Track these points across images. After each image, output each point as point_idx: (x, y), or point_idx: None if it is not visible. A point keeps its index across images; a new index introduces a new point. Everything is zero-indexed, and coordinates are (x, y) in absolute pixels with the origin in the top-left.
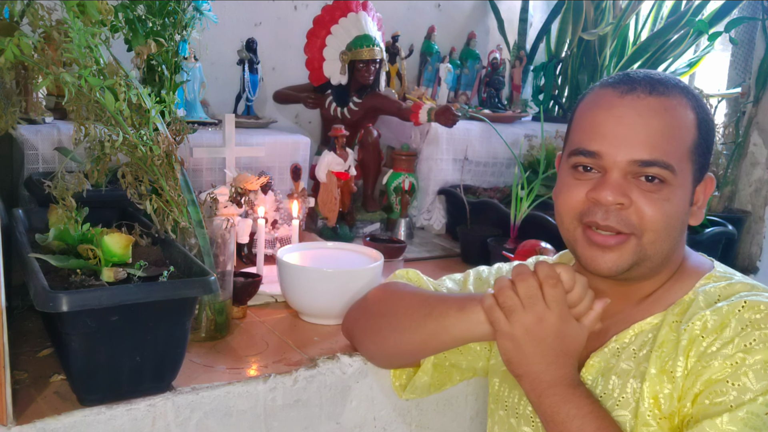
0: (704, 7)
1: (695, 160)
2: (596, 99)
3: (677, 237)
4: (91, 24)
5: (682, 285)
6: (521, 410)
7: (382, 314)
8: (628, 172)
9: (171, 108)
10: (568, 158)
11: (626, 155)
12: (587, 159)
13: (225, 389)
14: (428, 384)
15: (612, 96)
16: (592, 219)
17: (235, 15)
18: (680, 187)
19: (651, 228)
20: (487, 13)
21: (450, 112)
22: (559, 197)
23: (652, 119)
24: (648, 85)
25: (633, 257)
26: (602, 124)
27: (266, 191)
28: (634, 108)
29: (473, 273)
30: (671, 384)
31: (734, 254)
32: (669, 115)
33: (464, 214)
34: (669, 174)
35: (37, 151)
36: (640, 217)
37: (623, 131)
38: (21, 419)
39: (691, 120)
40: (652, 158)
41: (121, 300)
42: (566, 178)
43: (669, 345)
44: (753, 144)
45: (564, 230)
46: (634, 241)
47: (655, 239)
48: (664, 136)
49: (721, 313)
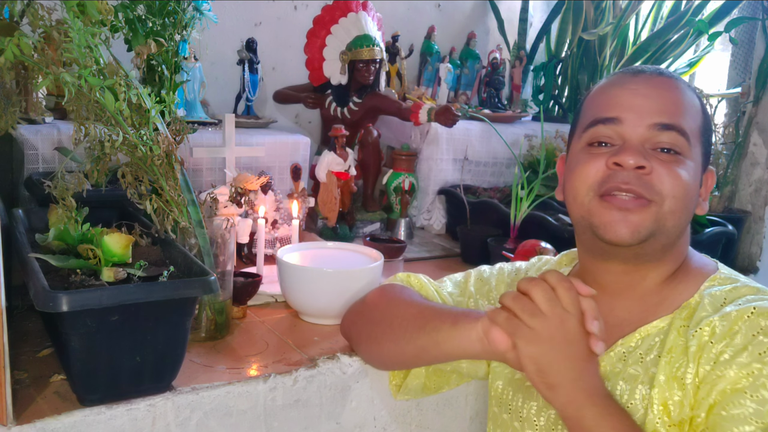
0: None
1: (703, 143)
2: (608, 81)
3: (690, 215)
4: (91, 24)
5: (687, 286)
6: (525, 414)
7: (377, 321)
8: (647, 140)
9: (171, 108)
10: (583, 134)
11: (645, 120)
12: (606, 128)
13: (225, 389)
14: (422, 386)
15: (624, 76)
16: (613, 183)
17: (235, 15)
18: (693, 161)
19: (672, 194)
20: (487, 13)
21: (450, 112)
22: (574, 173)
23: (666, 91)
24: (656, 70)
25: (653, 225)
26: (619, 96)
27: (266, 191)
28: (648, 83)
29: (474, 273)
30: (681, 391)
31: (734, 254)
32: (680, 92)
33: (464, 214)
34: (685, 143)
35: (37, 151)
36: (661, 183)
37: (640, 101)
38: (21, 419)
39: (698, 103)
40: (671, 122)
41: (121, 300)
42: (580, 156)
43: (678, 350)
44: (753, 144)
45: (577, 205)
46: (655, 208)
47: (675, 208)
48: (679, 107)
49: (730, 318)
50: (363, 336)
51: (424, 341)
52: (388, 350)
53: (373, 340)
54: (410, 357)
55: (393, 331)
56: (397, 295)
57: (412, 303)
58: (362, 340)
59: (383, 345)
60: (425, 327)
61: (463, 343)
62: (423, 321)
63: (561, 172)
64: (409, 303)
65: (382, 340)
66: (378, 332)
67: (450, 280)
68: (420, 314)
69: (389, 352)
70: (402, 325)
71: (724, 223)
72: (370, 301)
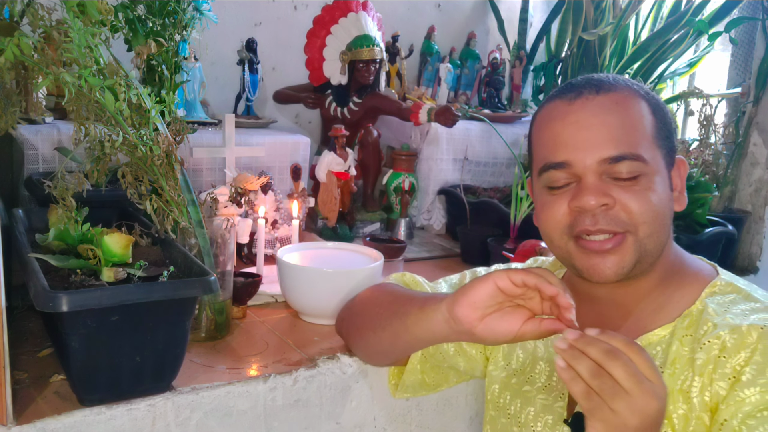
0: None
1: (661, 145)
2: (547, 113)
3: (669, 225)
4: (91, 24)
5: (685, 293)
6: (523, 419)
7: (360, 313)
8: (602, 173)
9: (171, 108)
10: (539, 178)
11: (594, 156)
12: (558, 172)
13: (225, 389)
14: (419, 383)
15: (561, 105)
16: (581, 228)
17: (235, 15)
18: (656, 174)
19: (642, 220)
20: (487, 13)
21: (450, 112)
22: (542, 217)
23: (607, 116)
24: (593, 87)
25: (634, 255)
26: (561, 134)
27: (266, 191)
28: (586, 110)
29: (469, 274)
30: (687, 404)
31: (734, 254)
32: (622, 108)
33: (464, 214)
34: (641, 165)
35: (37, 151)
36: (629, 213)
37: (584, 134)
38: (21, 419)
39: (644, 107)
40: (619, 153)
41: (121, 300)
42: (543, 198)
43: (682, 362)
44: (753, 144)
45: (555, 248)
46: (631, 239)
47: (651, 231)
48: (625, 128)
49: (740, 332)
50: (352, 329)
51: (396, 326)
52: (368, 340)
53: (356, 332)
54: (387, 344)
55: (371, 320)
56: (384, 288)
57: (392, 292)
58: (350, 335)
59: (364, 335)
60: (397, 312)
61: (431, 324)
62: (396, 307)
63: (532, 195)
64: (390, 293)
65: (364, 330)
66: (360, 323)
67: (445, 281)
68: (395, 301)
69: (369, 341)
70: (378, 313)
71: (724, 223)
72: (359, 297)
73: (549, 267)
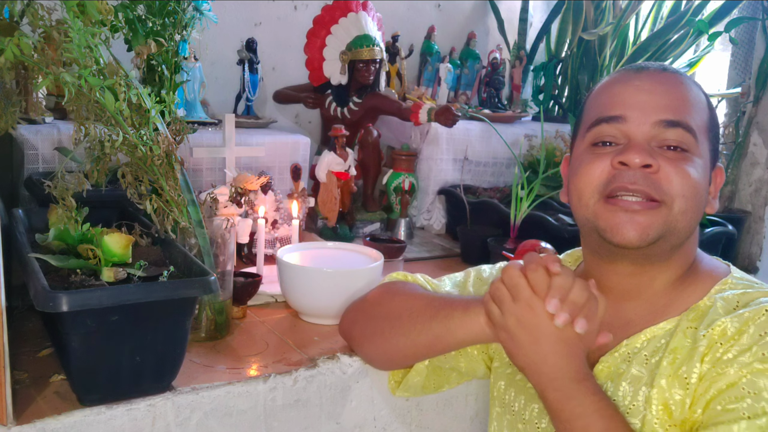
0: (704, 7)
1: (710, 139)
2: (611, 79)
3: (700, 214)
4: (91, 24)
5: (696, 289)
6: (527, 416)
7: (383, 316)
8: (653, 137)
9: (171, 108)
10: (587, 134)
11: (650, 117)
12: (610, 127)
13: (225, 389)
14: (422, 384)
15: (627, 73)
16: (618, 184)
17: (235, 15)
18: (701, 158)
19: (681, 193)
20: (487, 13)
21: (450, 112)
22: (579, 173)
23: (671, 87)
24: (660, 66)
25: (662, 227)
26: (622, 93)
27: (266, 191)
28: (652, 78)
29: (474, 272)
30: (683, 390)
31: (734, 254)
32: (685, 88)
33: (464, 214)
34: (692, 140)
35: (37, 151)
36: (669, 183)
37: (645, 97)
38: (21, 419)
39: (703, 99)
40: (676, 118)
41: (121, 300)
42: (585, 157)
43: (683, 351)
44: (753, 144)
45: (582, 207)
46: (665, 211)
47: (686, 208)
48: (685, 102)
49: (742, 319)
50: (367, 333)
51: (438, 330)
52: (396, 344)
53: (379, 336)
54: (422, 348)
55: (402, 324)
56: (401, 289)
57: (419, 295)
58: (366, 338)
59: (390, 339)
60: (437, 315)
61: (475, 328)
62: (434, 310)
63: (565, 174)
64: (417, 295)
65: (390, 335)
66: (385, 327)
67: (449, 279)
68: (430, 304)
69: (397, 346)
70: (411, 316)
71: (724, 223)
72: (372, 299)
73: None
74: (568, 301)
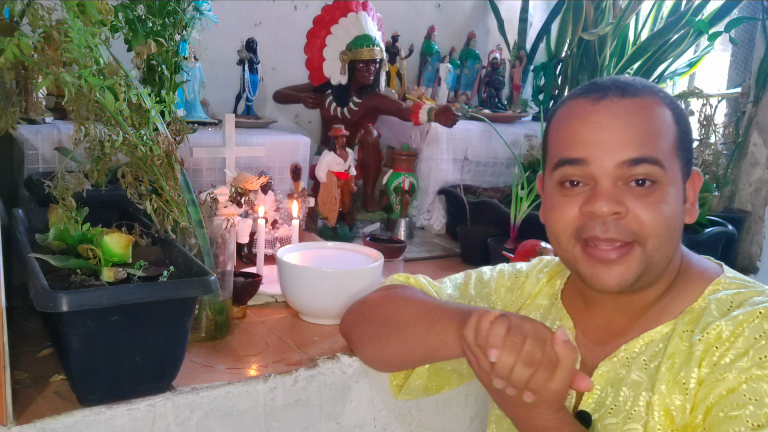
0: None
1: (681, 155)
2: (569, 110)
3: (678, 238)
4: (91, 24)
5: (689, 291)
6: None
7: (382, 321)
8: (618, 177)
9: (171, 108)
10: (553, 173)
11: (614, 158)
12: (573, 168)
13: (225, 389)
14: (424, 387)
15: (585, 104)
16: (590, 234)
17: (235, 15)
18: (672, 185)
19: (653, 233)
20: (487, 13)
21: (450, 112)
22: (551, 217)
23: (631, 119)
24: (618, 90)
25: (640, 267)
26: (581, 132)
27: (266, 191)
28: (610, 112)
29: (474, 275)
30: (683, 395)
31: (734, 254)
32: (647, 114)
33: (464, 214)
34: (659, 171)
35: (37, 151)
36: (639, 224)
37: (605, 135)
38: (21, 419)
39: (668, 116)
40: (640, 155)
41: (121, 300)
42: (554, 197)
43: (680, 356)
44: (753, 144)
45: (562, 251)
46: (639, 250)
47: (659, 245)
48: (648, 133)
49: (737, 321)
50: (366, 337)
51: (433, 342)
52: (394, 350)
53: (377, 340)
54: (420, 356)
55: (400, 332)
56: (402, 294)
57: (418, 302)
58: (365, 341)
59: (389, 345)
60: (433, 328)
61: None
62: (431, 322)
63: (541, 191)
64: (416, 302)
65: (388, 341)
66: (383, 332)
67: (450, 281)
68: (427, 314)
69: (396, 353)
70: (409, 325)
71: (724, 223)
72: (372, 301)
73: (554, 267)
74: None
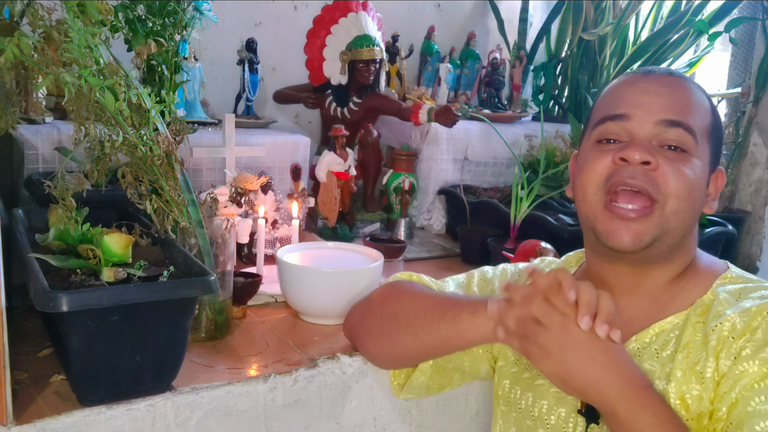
0: (704, 7)
1: (711, 141)
2: (619, 81)
3: (696, 215)
4: (91, 24)
5: (698, 284)
6: (536, 413)
7: (390, 316)
8: (654, 137)
9: (171, 108)
10: (593, 132)
11: (653, 117)
12: (614, 124)
13: (225, 389)
14: (426, 385)
15: (636, 75)
16: (618, 178)
17: (235, 15)
18: (700, 160)
19: (675, 194)
20: (487, 13)
21: (450, 112)
22: (584, 169)
23: (675, 90)
24: (666, 70)
25: (656, 230)
26: (628, 94)
27: (266, 191)
28: (657, 81)
29: (477, 274)
30: (700, 385)
31: (734, 254)
32: (689, 92)
33: (464, 214)
34: (691, 141)
35: (37, 151)
36: (665, 180)
37: (649, 98)
38: (21, 419)
39: (707, 103)
40: (677, 119)
41: (121, 300)
42: (589, 154)
43: (695, 345)
44: (753, 144)
45: (586, 205)
46: (658, 212)
47: (678, 208)
48: (687, 105)
49: (750, 313)
50: (373, 332)
51: (446, 331)
52: (403, 344)
53: (385, 335)
54: (430, 348)
55: (410, 324)
56: (408, 288)
57: (426, 295)
58: (372, 337)
59: (398, 339)
60: (445, 316)
61: (484, 330)
62: (441, 311)
63: (572, 170)
64: (423, 295)
65: (398, 334)
66: (393, 326)
67: (452, 280)
68: (437, 305)
69: (406, 346)
70: (419, 317)
71: (724, 223)
72: (378, 297)
73: (562, 265)
74: (601, 313)
